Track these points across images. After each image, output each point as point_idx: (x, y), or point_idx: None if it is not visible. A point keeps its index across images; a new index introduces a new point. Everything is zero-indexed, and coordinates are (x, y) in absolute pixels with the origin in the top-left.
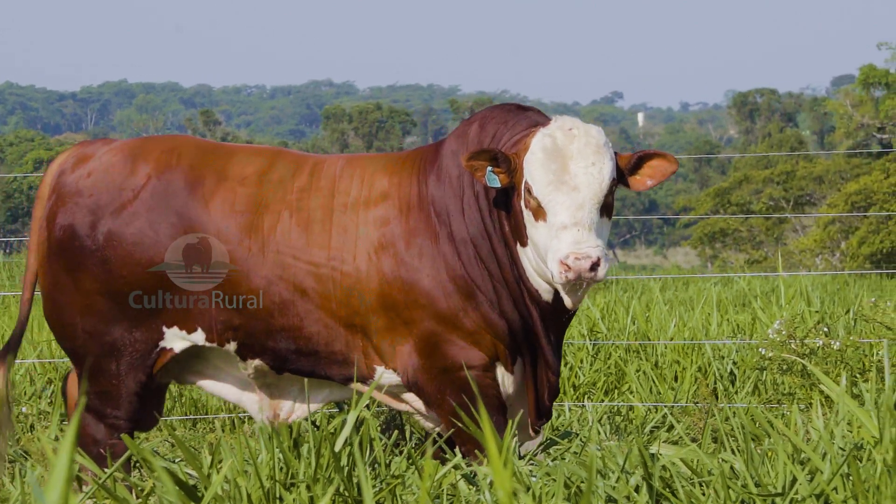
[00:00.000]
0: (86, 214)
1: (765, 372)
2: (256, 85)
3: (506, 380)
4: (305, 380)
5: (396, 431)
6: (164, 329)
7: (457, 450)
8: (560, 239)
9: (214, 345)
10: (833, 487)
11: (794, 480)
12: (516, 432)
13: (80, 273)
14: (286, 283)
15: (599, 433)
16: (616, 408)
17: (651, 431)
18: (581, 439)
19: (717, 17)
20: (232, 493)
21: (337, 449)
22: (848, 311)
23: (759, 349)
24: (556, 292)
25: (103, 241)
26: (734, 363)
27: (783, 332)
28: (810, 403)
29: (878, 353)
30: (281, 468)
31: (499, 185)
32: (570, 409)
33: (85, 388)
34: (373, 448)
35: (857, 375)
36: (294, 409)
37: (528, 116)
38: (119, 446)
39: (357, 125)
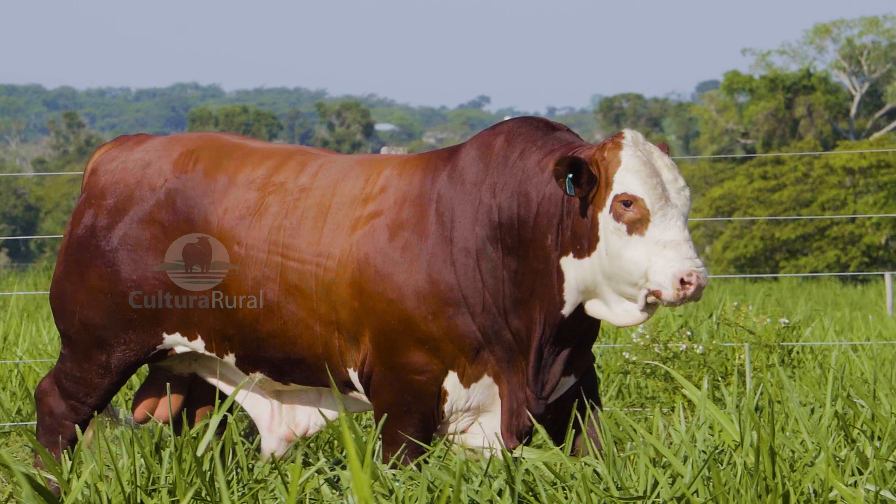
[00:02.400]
0: (106, 216)
1: (628, 376)
2: (121, 87)
3: (458, 393)
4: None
5: (259, 436)
6: (165, 335)
7: (320, 453)
8: (667, 256)
9: (214, 355)
10: (694, 491)
11: (656, 484)
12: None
13: (90, 270)
14: (273, 284)
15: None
16: None
17: None
18: (445, 444)
19: (584, 22)
20: (92, 499)
21: (199, 453)
22: (711, 316)
23: (623, 353)
24: (579, 307)
25: (118, 243)
26: (598, 367)
27: (647, 337)
28: (673, 407)
29: (740, 357)
30: (142, 473)
31: (573, 195)
32: None
33: (62, 368)
34: (236, 452)
35: (720, 379)
36: (310, 422)
37: (558, 137)
38: (69, 428)
39: (223, 128)
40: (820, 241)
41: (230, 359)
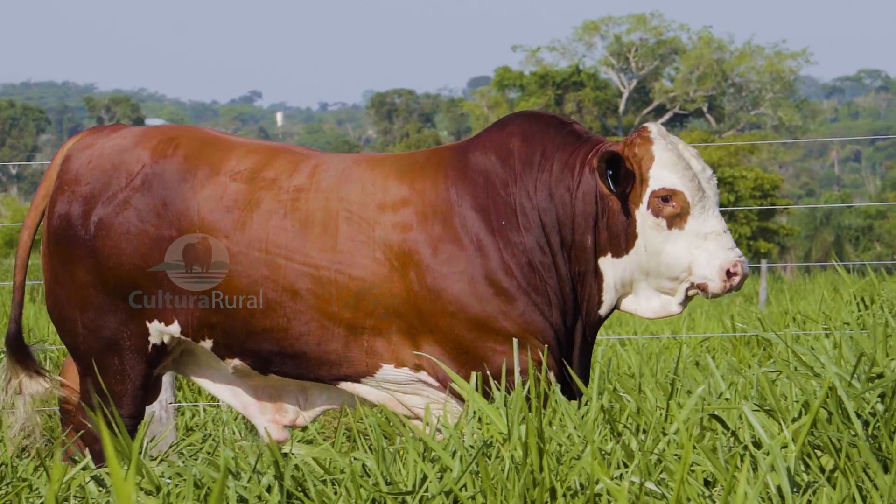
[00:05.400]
0: (81, 203)
1: None
2: None
3: None
4: (308, 383)
5: (23, 432)
6: (147, 324)
7: (87, 451)
8: (709, 248)
9: (189, 339)
10: (462, 485)
11: (425, 478)
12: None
13: (74, 265)
14: (273, 284)
15: (234, 433)
16: None
17: None
18: (214, 439)
19: (356, 16)
20: None
21: None
22: None
23: None
24: (616, 306)
25: (94, 230)
26: None
27: None
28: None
29: None
30: None
31: (615, 191)
32: (204, 410)
33: (86, 386)
34: None
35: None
36: (299, 413)
37: (574, 131)
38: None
39: None
40: None
41: (206, 344)
